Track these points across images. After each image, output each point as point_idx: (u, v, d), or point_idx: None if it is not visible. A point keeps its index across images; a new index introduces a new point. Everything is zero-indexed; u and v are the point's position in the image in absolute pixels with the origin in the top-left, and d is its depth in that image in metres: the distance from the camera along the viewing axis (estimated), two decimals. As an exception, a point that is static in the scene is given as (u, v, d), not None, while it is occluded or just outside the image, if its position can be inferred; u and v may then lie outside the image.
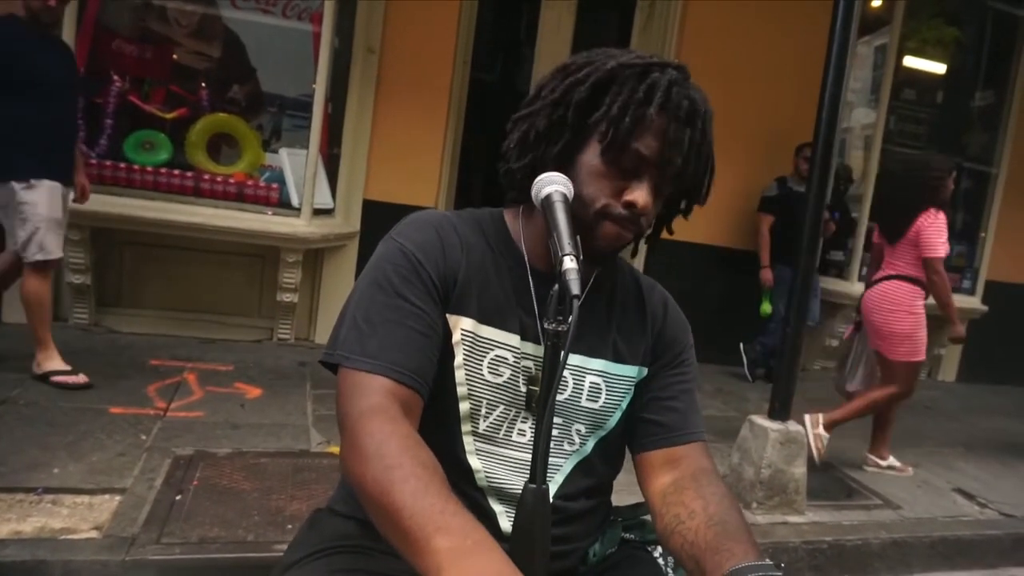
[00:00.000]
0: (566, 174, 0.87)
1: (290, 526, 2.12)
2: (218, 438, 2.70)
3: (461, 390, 0.91)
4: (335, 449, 2.73)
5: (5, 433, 2.49)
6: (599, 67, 0.89)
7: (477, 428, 0.92)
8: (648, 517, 1.07)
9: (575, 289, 0.70)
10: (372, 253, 0.94)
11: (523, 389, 0.92)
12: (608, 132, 0.86)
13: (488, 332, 0.92)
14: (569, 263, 0.72)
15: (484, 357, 0.91)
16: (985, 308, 5.44)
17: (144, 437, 2.61)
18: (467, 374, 0.91)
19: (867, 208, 5.11)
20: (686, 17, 4.62)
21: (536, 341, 0.93)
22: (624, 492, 1.12)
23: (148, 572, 1.90)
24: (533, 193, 0.84)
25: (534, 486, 0.74)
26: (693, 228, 1.08)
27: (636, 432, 1.00)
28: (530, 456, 0.85)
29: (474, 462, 0.91)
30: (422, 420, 0.86)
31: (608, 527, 1.04)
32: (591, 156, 0.89)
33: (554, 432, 0.93)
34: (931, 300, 3.66)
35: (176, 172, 3.76)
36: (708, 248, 4.77)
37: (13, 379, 2.97)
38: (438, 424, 0.90)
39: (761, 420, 2.73)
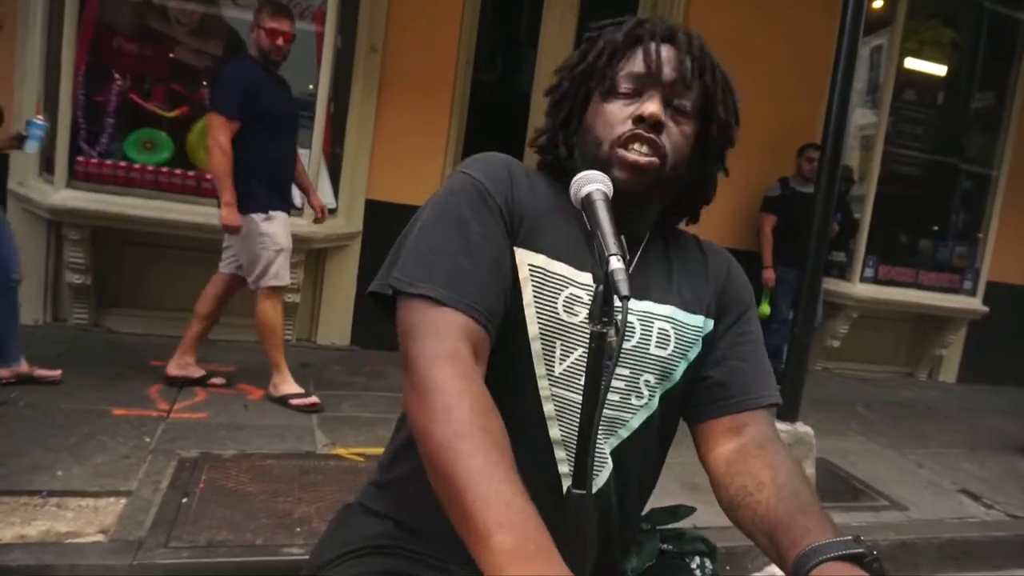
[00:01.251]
0: (580, 137, 0.93)
1: (299, 529, 2.10)
2: (222, 440, 2.67)
3: (532, 329, 0.85)
4: (341, 451, 2.71)
5: (6, 435, 2.46)
6: (586, 39, 0.97)
7: (552, 371, 0.86)
8: (683, 525, 1.05)
9: (624, 290, 0.68)
10: (375, 253, 0.91)
11: None
12: (596, 72, 0.92)
13: (560, 268, 0.87)
14: (616, 263, 0.70)
15: (559, 295, 0.86)
16: (986, 309, 5.45)
17: (148, 439, 2.59)
18: (538, 312, 0.85)
19: (869, 209, 5.11)
20: (689, 17, 4.62)
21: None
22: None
23: (156, 576, 1.87)
24: (572, 192, 0.81)
25: (579, 492, 0.72)
26: (695, 228, 1.06)
27: (700, 397, 0.95)
28: (605, 410, 0.83)
29: (548, 408, 0.86)
30: (493, 367, 0.81)
31: (646, 539, 1.00)
32: (594, 106, 0.92)
33: (620, 384, 0.88)
34: (924, 300, 3.62)
35: (177, 171, 3.73)
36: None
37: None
38: (511, 367, 0.85)
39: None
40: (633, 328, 0.89)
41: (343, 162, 4.13)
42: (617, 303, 0.71)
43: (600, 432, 0.86)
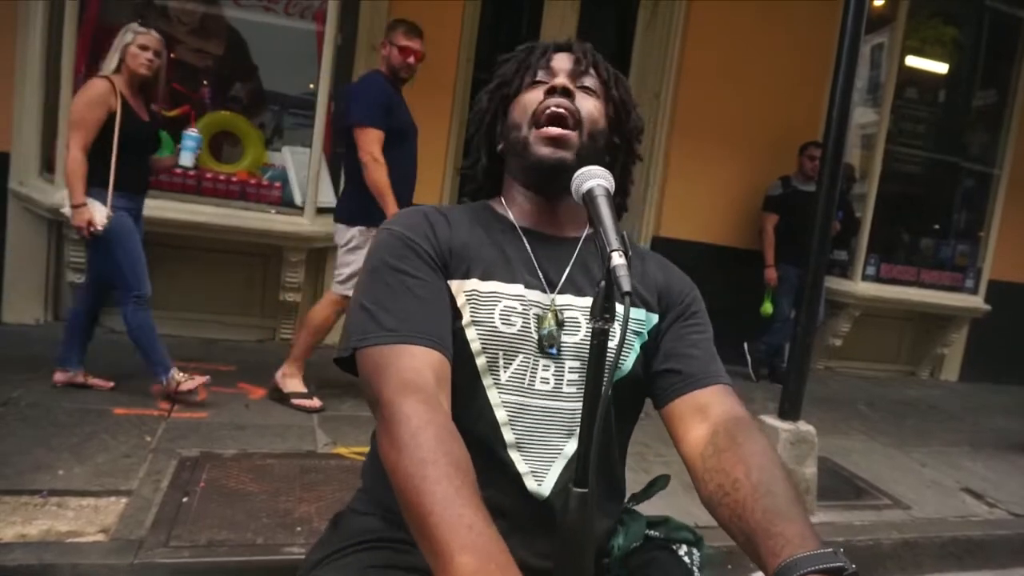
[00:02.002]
0: (504, 137, 1.02)
1: (299, 528, 2.10)
2: (223, 439, 2.67)
3: (474, 346, 0.90)
4: (342, 450, 2.71)
5: (8, 435, 2.46)
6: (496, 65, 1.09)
7: (499, 379, 0.91)
8: (670, 516, 1.06)
9: (626, 286, 0.68)
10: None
11: (535, 336, 0.92)
12: (509, 80, 1.03)
13: (491, 287, 0.93)
14: (618, 259, 0.70)
15: (493, 309, 0.92)
16: (988, 307, 5.44)
17: (149, 438, 2.58)
18: (478, 330, 0.91)
19: (871, 207, 5.10)
20: (690, 16, 4.61)
21: (540, 290, 0.95)
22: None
23: (157, 575, 1.87)
24: (574, 188, 0.83)
25: (581, 491, 0.72)
26: (697, 227, 1.09)
27: (658, 385, 0.98)
28: (555, 404, 0.89)
29: (500, 415, 0.90)
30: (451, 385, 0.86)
31: (631, 520, 1.01)
32: (513, 104, 1.02)
33: (574, 376, 0.92)
34: (926, 298, 3.62)
35: (178, 170, 3.72)
36: (712, 247, 4.76)
37: (14, 380, 2.93)
38: (460, 385, 0.89)
39: (771, 420, 2.71)
40: (578, 323, 0.94)
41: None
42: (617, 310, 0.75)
43: (561, 430, 0.91)
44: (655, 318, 1.01)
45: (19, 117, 3.62)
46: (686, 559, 1.01)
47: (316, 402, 3.11)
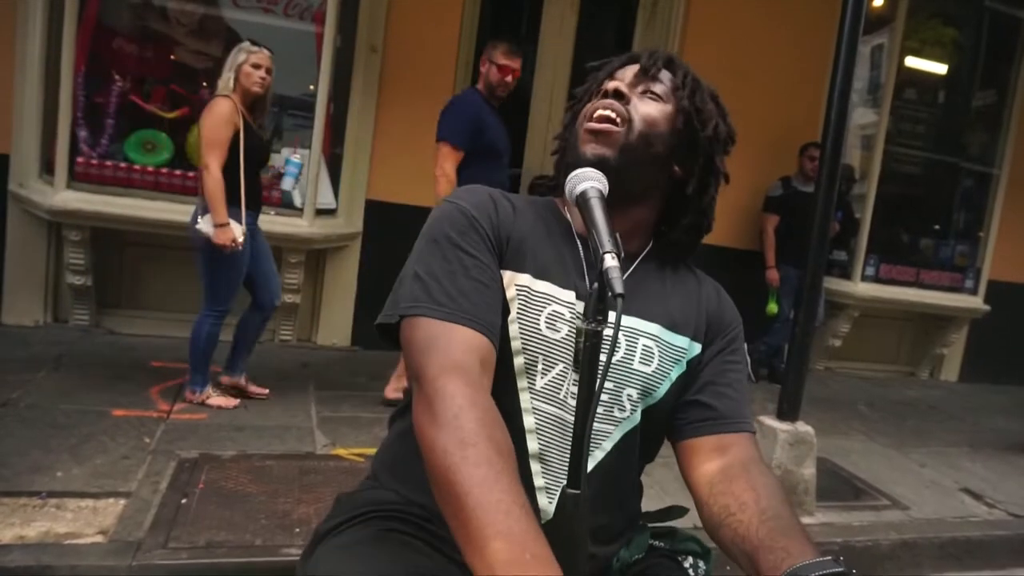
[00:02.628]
0: (571, 133, 0.97)
1: (298, 530, 2.10)
2: (222, 440, 2.67)
3: (515, 344, 0.89)
4: (341, 451, 2.71)
5: (6, 436, 2.46)
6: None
7: (534, 385, 0.89)
8: (676, 524, 1.05)
9: (618, 287, 0.68)
10: (375, 253, 0.94)
11: (574, 347, 0.90)
12: (582, 97, 1.01)
13: (544, 287, 0.91)
14: (610, 260, 0.70)
15: (541, 312, 0.90)
16: (987, 308, 5.44)
17: (148, 440, 2.58)
18: (521, 328, 0.89)
19: (870, 208, 5.10)
20: (689, 15, 4.61)
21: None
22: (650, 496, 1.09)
23: (155, 577, 1.87)
24: (567, 190, 0.82)
25: (574, 491, 0.72)
26: None
27: (687, 416, 0.96)
28: (598, 401, 0.84)
29: (528, 421, 0.89)
30: None
31: (636, 533, 1.01)
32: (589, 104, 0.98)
33: (605, 397, 0.91)
34: (925, 299, 3.61)
35: (177, 172, 3.74)
36: (713, 248, 4.75)
37: (14, 381, 2.93)
38: (495, 381, 0.87)
39: (770, 421, 2.71)
40: (619, 343, 0.91)
41: (343, 162, 4.13)
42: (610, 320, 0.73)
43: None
44: (698, 348, 0.99)
45: (19, 119, 3.62)
46: (691, 571, 1.00)
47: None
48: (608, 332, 0.72)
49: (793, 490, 2.66)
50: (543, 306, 0.90)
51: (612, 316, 0.69)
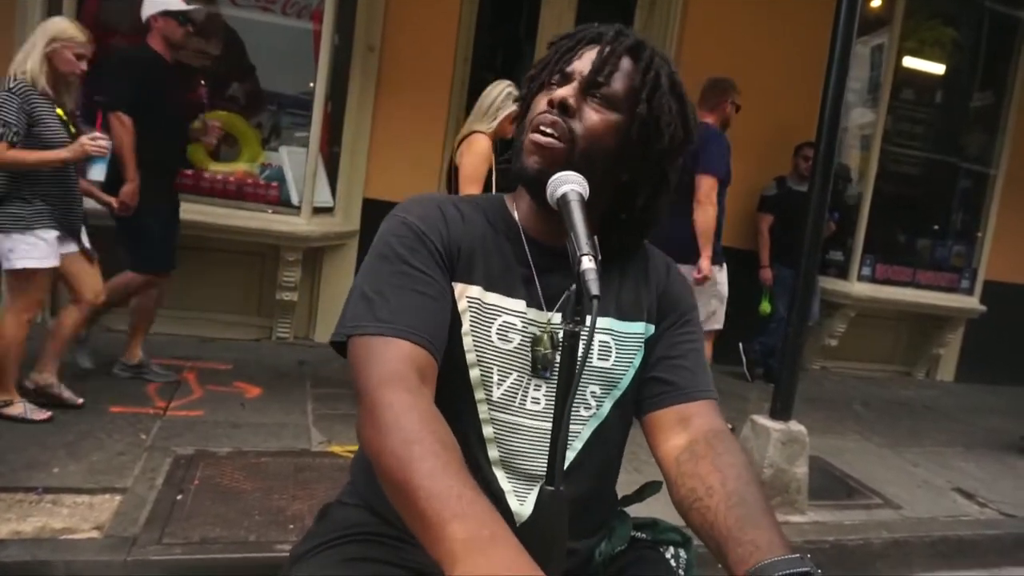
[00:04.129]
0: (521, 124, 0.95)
1: (292, 526, 2.12)
2: (218, 437, 2.68)
3: (470, 357, 0.90)
4: (336, 448, 2.72)
5: (4, 432, 2.48)
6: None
7: (491, 396, 0.91)
8: (659, 518, 1.07)
9: (595, 289, 0.69)
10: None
11: (530, 355, 0.92)
12: (537, 76, 0.95)
13: (494, 299, 0.92)
14: (587, 263, 0.71)
15: (492, 323, 0.91)
16: (983, 308, 5.45)
17: (144, 436, 2.60)
18: (475, 341, 0.90)
19: (867, 208, 5.11)
20: (686, 14, 4.62)
21: (539, 307, 0.93)
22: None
23: (150, 572, 1.89)
24: (548, 193, 0.83)
25: (551, 488, 0.73)
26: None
27: (645, 392, 0.98)
28: (544, 424, 0.86)
29: (487, 431, 0.90)
30: (437, 393, 0.85)
31: (618, 524, 1.02)
32: (539, 98, 0.94)
33: None
34: (921, 299, 3.67)
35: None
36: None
37: (12, 378, 2.94)
38: (451, 393, 0.89)
39: (763, 420, 2.73)
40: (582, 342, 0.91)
41: (341, 161, 4.15)
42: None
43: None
44: (652, 328, 1.00)
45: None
46: (672, 561, 1.02)
47: None
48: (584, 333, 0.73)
49: (785, 489, 2.68)
50: (494, 318, 0.91)
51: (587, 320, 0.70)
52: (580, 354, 0.71)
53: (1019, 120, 5.47)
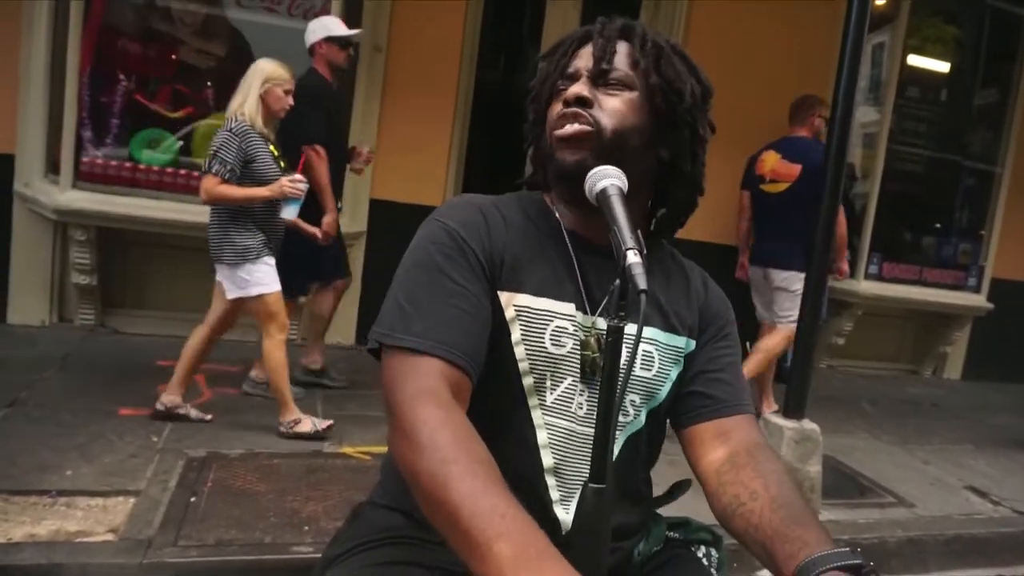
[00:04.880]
0: (543, 137, 0.95)
1: (307, 527, 2.11)
2: (229, 439, 2.68)
3: (523, 365, 0.88)
4: (348, 449, 2.72)
5: (15, 435, 2.47)
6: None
7: (544, 401, 0.89)
8: (690, 517, 1.06)
9: (642, 284, 0.68)
10: (379, 252, 0.92)
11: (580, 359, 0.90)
12: (542, 92, 0.96)
13: (545, 304, 0.90)
14: (633, 257, 0.70)
15: (545, 329, 0.89)
16: (991, 306, 5.44)
17: (155, 439, 2.59)
18: (527, 349, 0.88)
19: (873, 206, 5.11)
20: (691, 15, 4.61)
21: (584, 311, 0.92)
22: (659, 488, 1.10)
23: (166, 575, 1.88)
24: (587, 188, 0.82)
25: (594, 486, 0.72)
26: (697, 225, 1.06)
27: (684, 406, 0.97)
28: (589, 429, 0.85)
29: (542, 436, 0.89)
30: (486, 404, 0.84)
31: (652, 524, 1.02)
32: (553, 106, 0.95)
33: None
34: (928, 297, 3.78)
35: (182, 172, 3.75)
36: (710, 246, 4.73)
37: (21, 380, 2.94)
38: (504, 403, 0.88)
39: (776, 418, 2.72)
40: (624, 348, 0.91)
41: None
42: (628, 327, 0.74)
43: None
44: (693, 344, 0.99)
45: (24, 119, 3.63)
46: (704, 560, 1.02)
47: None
48: (630, 331, 0.73)
49: (799, 488, 2.66)
50: (547, 323, 0.89)
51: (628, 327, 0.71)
52: (631, 348, 0.70)
53: (1024, 117, 5.47)
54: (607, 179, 0.80)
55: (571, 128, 0.88)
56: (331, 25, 3.17)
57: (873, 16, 5.09)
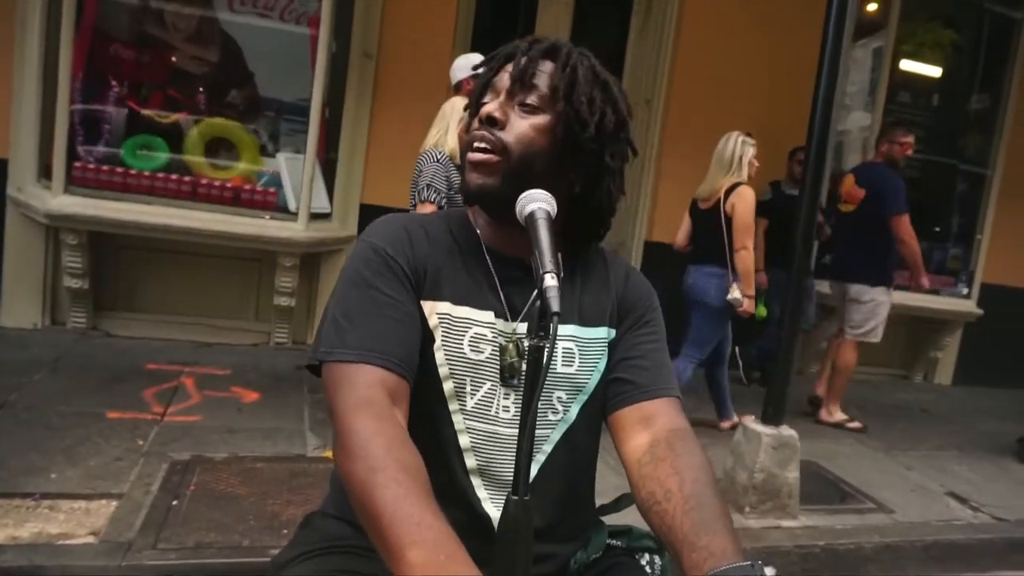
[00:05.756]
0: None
1: (285, 531, 2.14)
2: (215, 442, 2.71)
3: (443, 370, 0.93)
4: (330, 453, 2.74)
5: (3, 437, 2.50)
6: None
7: (465, 406, 0.94)
8: (633, 525, 1.09)
9: (555, 306, 0.72)
10: None
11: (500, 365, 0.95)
12: (480, 82, 0.99)
13: (464, 312, 0.95)
14: (550, 280, 0.74)
15: (463, 336, 0.94)
16: (980, 311, 5.47)
17: (141, 442, 2.63)
18: (447, 354, 0.93)
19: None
20: (682, 18, 4.64)
21: (505, 319, 0.96)
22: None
23: (144, 577, 1.91)
24: (517, 210, 0.86)
25: (516, 498, 0.75)
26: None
27: (608, 392, 1.00)
28: (516, 431, 0.87)
29: (464, 440, 0.93)
30: (414, 409, 0.88)
31: (594, 532, 1.05)
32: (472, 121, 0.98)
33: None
34: (919, 302, 3.95)
35: (174, 177, 3.78)
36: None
37: (11, 384, 2.97)
38: (428, 407, 0.92)
39: (754, 424, 2.74)
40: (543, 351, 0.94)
41: (337, 167, 4.17)
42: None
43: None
44: (614, 332, 1.03)
45: (17, 124, 3.67)
46: (647, 568, 1.04)
47: (859, 424, 4.00)
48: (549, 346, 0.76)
49: (776, 494, 2.69)
50: (465, 330, 0.94)
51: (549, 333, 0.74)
52: (544, 366, 0.74)
53: (1016, 122, 5.48)
54: (534, 203, 0.84)
55: (478, 156, 0.93)
56: (475, 60, 3.25)
57: (868, 22, 5.15)
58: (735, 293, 3.32)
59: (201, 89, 4.03)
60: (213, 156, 3.98)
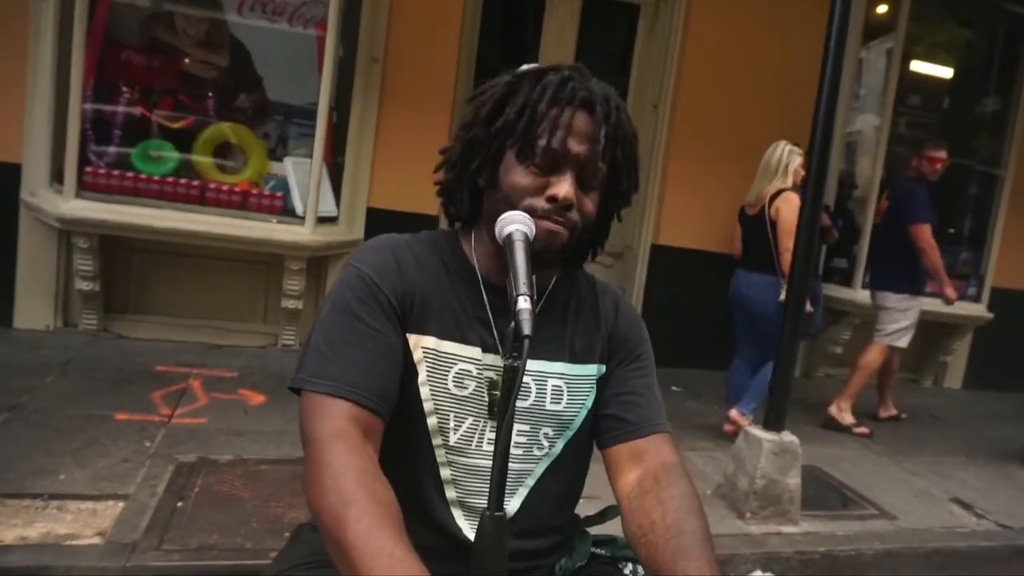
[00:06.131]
0: (489, 187, 0.96)
1: (287, 534, 2.15)
2: (221, 445, 2.75)
3: (427, 405, 0.94)
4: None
5: (13, 439, 2.56)
6: (498, 83, 0.98)
7: (448, 441, 0.95)
8: (617, 535, 1.10)
9: (527, 329, 0.74)
10: None
11: (487, 398, 0.96)
12: (514, 133, 0.93)
13: (450, 347, 0.95)
14: (523, 303, 0.76)
15: (448, 372, 0.94)
16: (991, 315, 5.42)
17: (148, 444, 2.67)
18: (432, 390, 0.94)
19: (871, 214, 5.10)
20: (689, 24, 4.64)
21: (495, 352, 0.96)
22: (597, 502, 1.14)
23: (148, 578, 1.95)
24: (497, 231, 0.87)
25: (490, 513, 0.77)
26: (695, 235, 1.11)
27: (600, 428, 1.03)
28: (510, 433, 0.91)
29: (445, 473, 0.95)
30: (395, 439, 0.90)
31: (579, 540, 1.06)
32: (509, 163, 0.94)
33: (522, 439, 0.97)
34: (928, 306, 3.96)
35: (183, 181, 3.83)
36: (709, 254, 4.77)
37: (23, 386, 3.03)
38: (410, 440, 0.94)
39: (755, 430, 2.74)
40: (528, 388, 0.96)
41: (344, 170, 4.21)
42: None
43: (507, 486, 0.93)
44: (604, 368, 1.04)
45: (30, 129, 3.73)
46: None
47: (866, 429, 4.01)
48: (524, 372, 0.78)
49: (778, 500, 2.69)
50: (450, 366, 0.95)
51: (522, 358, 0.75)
52: (514, 389, 0.76)
53: (1027, 125, 5.43)
54: (512, 225, 0.85)
55: (555, 227, 0.92)
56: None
57: (879, 24, 5.12)
58: (785, 295, 3.35)
59: (210, 93, 4.08)
60: (221, 160, 4.02)
